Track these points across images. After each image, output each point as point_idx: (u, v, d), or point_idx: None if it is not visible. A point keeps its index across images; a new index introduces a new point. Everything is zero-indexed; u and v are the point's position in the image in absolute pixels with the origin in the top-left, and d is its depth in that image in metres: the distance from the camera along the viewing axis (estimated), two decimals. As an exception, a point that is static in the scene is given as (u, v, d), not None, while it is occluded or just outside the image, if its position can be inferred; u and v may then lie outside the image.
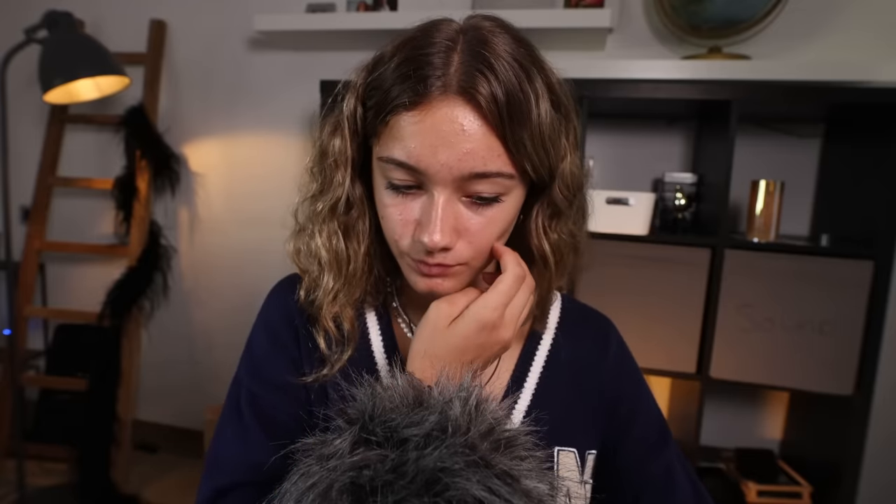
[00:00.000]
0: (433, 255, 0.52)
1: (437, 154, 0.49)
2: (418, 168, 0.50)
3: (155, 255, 2.11)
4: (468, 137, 0.48)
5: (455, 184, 0.50)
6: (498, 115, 0.48)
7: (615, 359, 0.68)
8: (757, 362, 1.46)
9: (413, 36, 0.52)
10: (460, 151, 0.49)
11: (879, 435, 1.62)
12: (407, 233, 0.53)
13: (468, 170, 0.49)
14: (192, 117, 2.18)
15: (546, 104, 0.52)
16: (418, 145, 0.49)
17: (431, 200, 0.51)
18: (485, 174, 0.50)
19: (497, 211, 0.53)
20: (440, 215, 0.50)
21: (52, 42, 1.76)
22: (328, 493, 0.33)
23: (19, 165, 2.22)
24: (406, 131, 0.50)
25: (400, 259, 0.56)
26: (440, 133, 0.48)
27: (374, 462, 0.33)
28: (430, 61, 0.49)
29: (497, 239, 0.55)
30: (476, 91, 0.48)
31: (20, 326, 2.16)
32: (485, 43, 0.50)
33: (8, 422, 2.11)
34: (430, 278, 0.54)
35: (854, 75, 1.43)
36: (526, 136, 0.50)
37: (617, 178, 1.82)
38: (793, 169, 1.68)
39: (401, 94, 0.49)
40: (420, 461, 0.33)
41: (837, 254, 1.40)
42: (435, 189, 0.50)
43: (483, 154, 0.49)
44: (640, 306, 1.50)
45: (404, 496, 0.31)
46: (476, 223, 0.52)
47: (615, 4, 1.70)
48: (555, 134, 0.54)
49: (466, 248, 0.53)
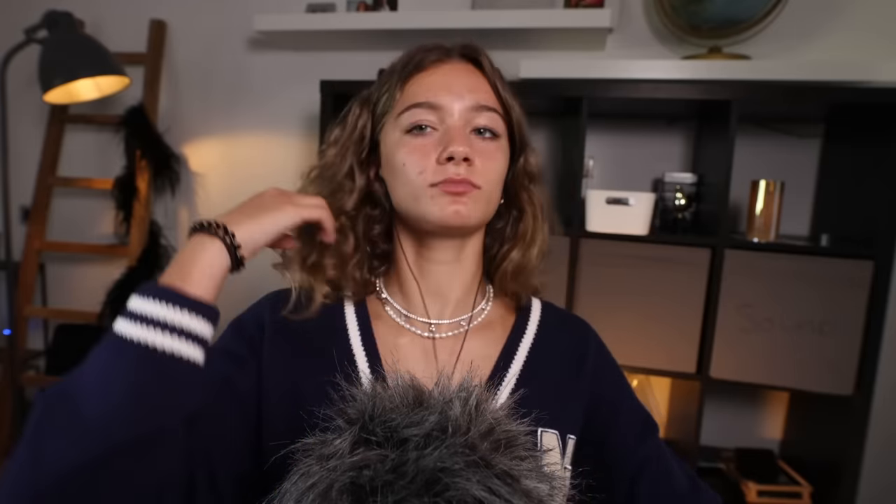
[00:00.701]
0: (458, 168, 0.60)
1: (451, 88, 0.64)
2: (437, 103, 0.63)
3: (155, 255, 2.11)
4: (471, 81, 0.65)
5: (465, 115, 0.63)
6: (494, 76, 0.67)
7: (594, 361, 0.72)
8: (757, 362, 1.46)
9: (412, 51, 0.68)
10: (469, 84, 0.64)
11: (879, 435, 1.62)
12: (430, 162, 0.62)
13: (474, 101, 0.64)
14: (192, 117, 2.18)
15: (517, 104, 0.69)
16: (434, 87, 0.64)
17: (449, 128, 0.63)
18: (486, 106, 0.64)
19: (496, 147, 0.65)
20: (458, 131, 0.62)
21: (52, 42, 1.76)
22: (328, 493, 0.33)
23: (19, 165, 2.22)
24: (423, 84, 0.65)
25: (419, 200, 0.62)
26: (450, 76, 0.65)
27: (374, 462, 0.33)
28: (434, 47, 0.67)
29: (498, 180, 0.66)
30: (476, 56, 0.67)
31: (20, 326, 2.16)
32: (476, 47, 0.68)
33: (8, 422, 2.11)
34: (457, 198, 0.61)
35: (854, 75, 1.43)
36: (511, 101, 0.67)
37: (617, 178, 1.82)
38: (793, 169, 1.68)
39: (413, 63, 0.65)
40: (420, 461, 0.33)
41: (837, 254, 1.40)
42: (450, 119, 0.63)
43: (483, 93, 0.65)
44: (640, 306, 1.50)
45: (404, 496, 0.31)
46: (485, 150, 0.64)
47: (615, 4, 1.70)
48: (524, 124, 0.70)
49: (482, 169, 0.63)
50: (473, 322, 0.70)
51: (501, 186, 0.68)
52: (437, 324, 0.69)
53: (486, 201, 0.64)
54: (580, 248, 1.52)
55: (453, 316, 0.69)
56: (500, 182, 0.66)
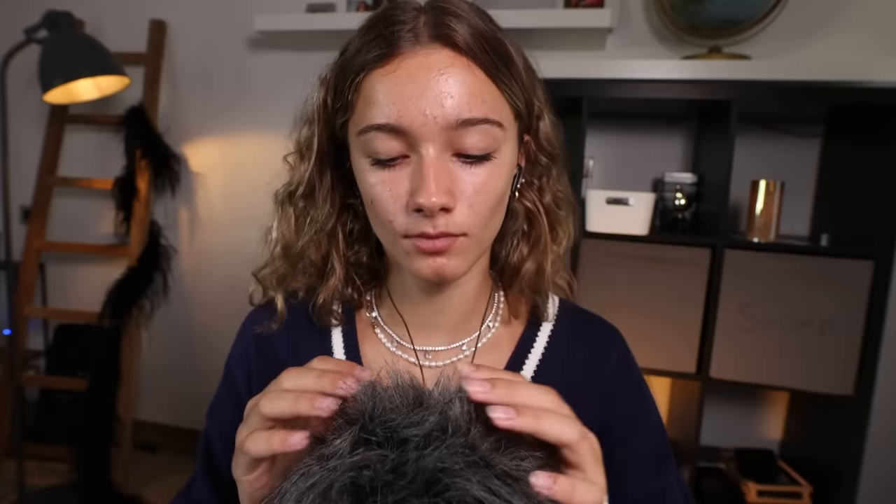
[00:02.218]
0: (434, 221, 0.47)
1: (420, 105, 0.45)
2: (401, 126, 0.46)
3: (155, 255, 2.11)
4: (449, 83, 0.46)
5: (443, 137, 0.46)
6: (479, 49, 0.47)
7: (615, 372, 0.61)
8: (757, 362, 1.46)
9: (375, 13, 0.51)
10: (443, 98, 0.45)
11: (879, 435, 1.62)
12: (400, 208, 0.48)
13: (454, 117, 0.46)
14: (192, 117, 2.18)
15: (519, 56, 0.52)
16: (397, 101, 0.46)
17: (421, 161, 0.47)
18: (471, 121, 0.46)
19: (491, 170, 0.49)
20: (433, 173, 0.46)
21: (52, 42, 1.76)
22: (328, 493, 0.33)
23: (19, 165, 2.22)
24: (381, 90, 0.46)
25: (395, 249, 0.51)
26: (418, 82, 0.45)
27: (375, 462, 0.33)
28: (398, 19, 0.47)
29: (496, 207, 0.51)
30: (450, 32, 0.46)
31: (20, 326, 2.16)
32: (450, 4, 0.49)
33: (8, 422, 2.11)
34: (435, 257, 0.49)
35: (854, 75, 1.43)
36: (510, 71, 0.49)
37: (617, 178, 1.82)
38: (793, 169, 1.68)
39: (369, 51, 0.47)
40: (420, 461, 0.33)
41: (837, 254, 1.40)
42: (423, 147, 0.46)
43: (467, 99, 0.46)
44: (640, 306, 1.50)
45: (404, 496, 0.31)
46: (472, 184, 0.48)
47: (615, 4, 1.70)
48: (532, 84, 0.54)
49: (467, 213, 0.48)
50: (475, 346, 0.60)
51: (504, 205, 0.54)
52: (433, 351, 0.59)
53: (477, 244, 0.51)
54: (580, 248, 1.52)
55: (452, 341, 0.60)
56: (498, 205, 0.52)
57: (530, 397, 0.39)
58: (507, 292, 0.62)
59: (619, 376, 0.61)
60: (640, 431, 0.61)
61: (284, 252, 0.60)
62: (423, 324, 0.59)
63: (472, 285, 0.59)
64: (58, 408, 2.24)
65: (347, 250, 0.60)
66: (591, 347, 0.62)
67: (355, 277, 0.61)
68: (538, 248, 0.59)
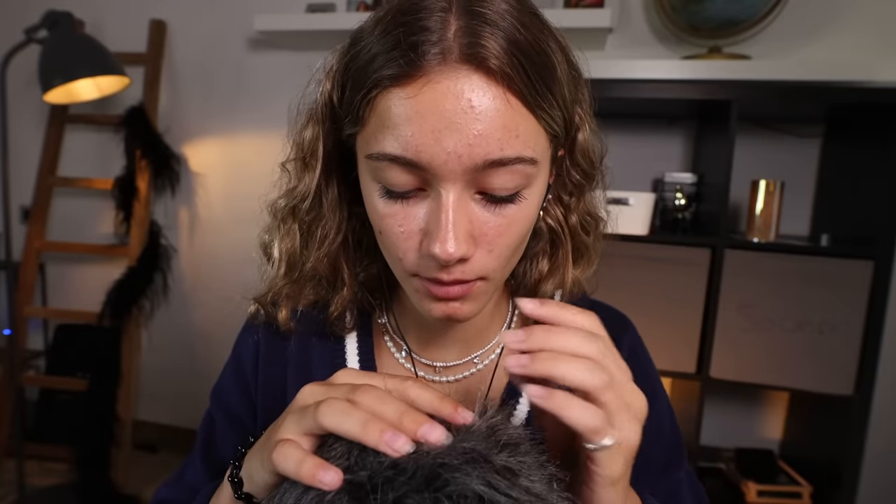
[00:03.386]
0: (449, 268, 0.42)
1: (442, 141, 0.39)
2: (419, 162, 0.40)
3: (155, 255, 2.11)
4: (479, 115, 0.38)
5: (466, 177, 0.40)
6: (517, 71, 0.39)
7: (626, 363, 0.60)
8: (757, 362, 1.46)
9: (398, 3, 0.42)
10: (470, 134, 0.38)
11: (879, 435, 1.62)
12: (412, 247, 0.43)
13: (482, 157, 0.39)
14: (192, 117, 2.18)
15: (563, 65, 0.43)
16: (416, 132, 0.39)
17: (439, 202, 0.41)
18: (502, 161, 0.40)
19: (519, 210, 0.43)
20: (452, 219, 0.40)
21: (52, 42, 1.76)
22: (325, 493, 0.33)
23: (19, 165, 2.22)
24: (399, 115, 0.39)
25: (405, 282, 0.47)
26: (443, 113, 0.38)
27: (372, 462, 0.33)
28: (423, 25, 0.39)
29: (520, 245, 0.46)
30: (484, 51, 0.38)
31: (20, 326, 2.16)
32: (483, 1, 0.40)
33: (8, 422, 2.11)
34: (448, 302, 0.45)
35: (854, 75, 1.43)
36: (552, 92, 0.41)
37: (617, 178, 1.81)
38: (793, 169, 1.68)
39: (388, 65, 0.39)
40: (419, 459, 0.33)
41: (837, 254, 1.40)
42: (442, 187, 0.40)
43: (499, 135, 0.39)
44: (640, 306, 1.50)
45: (405, 492, 0.31)
46: (495, 226, 0.42)
47: (615, 4, 1.70)
48: (575, 93, 0.46)
49: (486, 258, 0.43)
50: (489, 358, 0.57)
51: (527, 238, 0.48)
52: (445, 367, 0.57)
53: (496, 285, 0.47)
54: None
55: (465, 354, 0.57)
56: (522, 243, 0.46)
57: (561, 342, 0.37)
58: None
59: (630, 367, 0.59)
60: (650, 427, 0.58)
61: (289, 271, 0.55)
62: (434, 338, 0.57)
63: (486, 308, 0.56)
64: (58, 408, 2.24)
65: (357, 265, 0.56)
66: None
67: (367, 293, 0.57)
68: (558, 271, 0.55)
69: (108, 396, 2.00)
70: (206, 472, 0.61)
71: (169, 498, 0.61)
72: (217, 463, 0.61)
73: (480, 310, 0.47)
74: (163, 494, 0.61)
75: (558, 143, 0.46)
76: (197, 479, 0.61)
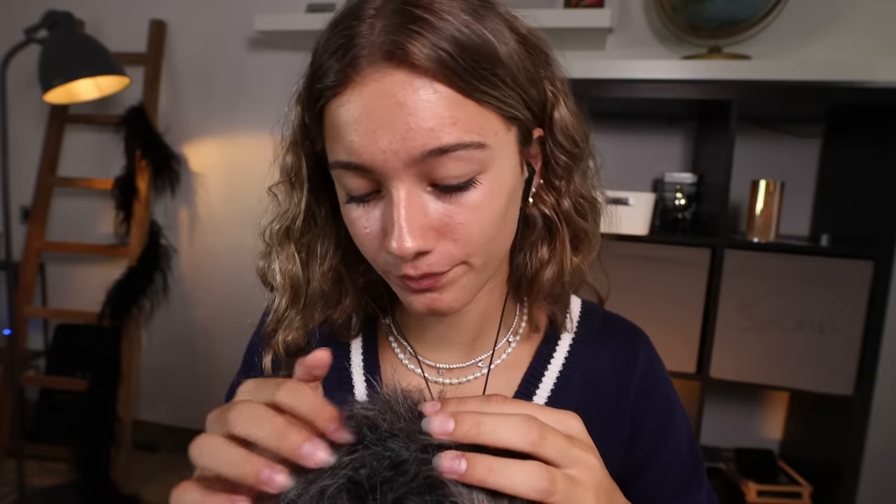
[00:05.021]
0: (414, 263, 0.43)
1: (378, 140, 0.40)
2: (363, 165, 0.41)
3: (155, 255, 2.11)
4: (408, 110, 0.39)
5: (412, 171, 0.41)
6: (446, 62, 0.39)
7: (642, 381, 0.57)
8: (757, 362, 1.46)
9: (335, 16, 0.45)
10: (402, 129, 0.39)
11: (879, 435, 1.62)
12: (378, 247, 0.44)
13: (419, 149, 0.40)
14: (192, 117, 2.18)
15: (512, 45, 0.43)
16: (357, 137, 0.41)
17: (391, 200, 0.42)
18: (442, 149, 0.40)
19: (477, 196, 0.42)
20: (403, 215, 0.41)
21: (52, 42, 1.76)
22: (324, 491, 0.33)
23: (19, 165, 2.22)
24: (341, 122, 0.41)
25: (387, 279, 0.48)
26: (374, 114, 0.40)
27: (371, 460, 0.33)
28: (352, 33, 0.41)
29: (496, 229, 0.44)
30: (406, 48, 0.39)
31: (20, 326, 2.16)
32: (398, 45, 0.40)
33: (8, 422, 2.11)
34: (424, 293, 0.45)
35: (854, 75, 1.43)
36: (496, 75, 0.41)
37: (617, 178, 1.82)
38: (793, 169, 1.68)
39: (327, 76, 0.42)
40: (422, 464, 0.32)
41: (837, 254, 1.40)
42: (391, 185, 0.41)
43: (432, 125, 0.39)
44: (640, 306, 1.50)
45: (404, 493, 0.31)
46: (454, 216, 0.42)
47: (615, 4, 1.70)
48: (536, 73, 0.45)
49: (452, 248, 0.43)
50: (496, 361, 0.56)
51: (509, 220, 0.47)
52: (447, 369, 0.56)
53: (479, 270, 0.46)
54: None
55: (468, 357, 0.56)
56: (499, 226, 0.45)
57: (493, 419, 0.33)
58: (528, 304, 0.58)
59: (648, 386, 0.57)
60: (669, 447, 0.56)
61: (295, 297, 0.54)
62: (436, 340, 0.56)
63: (487, 301, 0.54)
64: (58, 408, 2.24)
65: (357, 272, 0.55)
66: (615, 357, 0.57)
67: (369, 299, 0.57)
68: (556, 258, 0.53)
69: (108, 396, 2.00)
70: None
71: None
72: None
73: (466, 300, 0.47)
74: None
75: (527, 123, 0.46)
76: None
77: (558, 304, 0.57)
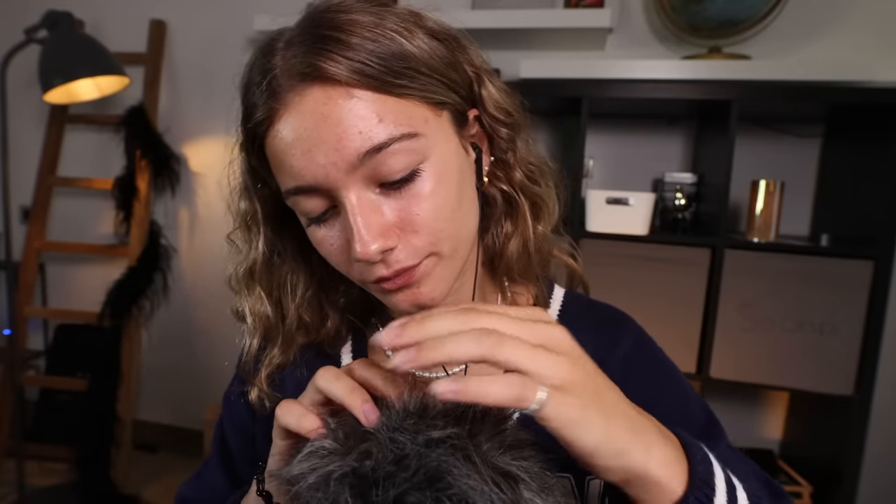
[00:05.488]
0: (385, 263, 0.44)
1: (315, 158, 0.42)
2: (309, 184, 0.43)
3: (155, 255, 2.11)
4: (332, 121, 0.41)
5: (356, 176, 0.42)
6: (358, 69, 0.41)
7: (626, 359, 0.56)
8: (757, 362, 1.46)
9: (256, 50, 0.48)
10: (333, 140, 0.41)
11: (879, 435, 1.62)
12: (348, 260, 0.46)
13: (354, 154, 0.41)
14: (192, 117, 2.18)
15: (420, 38, 0.44)
16: (295, 160, 0.43)
17: (345, 210, 0.43)
18: (376, 148, 0.41)
19: (424, 184, 0.44)
20: (359, 221, 0.43)
21: (52, 42, 1.76)
22: (328, 480, 0.33)
23: (19, 165, 2.22)
24: (279, 152, 0.44)
25: (367, 288, 0.49)
26: (304, 134, 0.42)
27: (376, 453, 0.33)
28: (269, 66, 0.44)
29: (453, 213, 0.45)
30: (317, 65, 0.41)
31: (20, 326, 2.16)
32: (317, 14, 0.44)
33: (8, 422, 2.11)
34: (404, 290, 0.46)
35: (854, 75, 1.43)
36: (411, 69, 0.43)
37: (617, 178, 1.82)
38: (793, 169, 1.68)
39: (257, 111, 0.44)
40: (422, 458, 0.33)
41: (837, 254, 1.40)
42: (341, 196, 0.43)
43: (360, 128, 0.41)
44: (640, 306, 1.49)
45: (406, 489, 0.32)
46: (409, 209, 0.44)
47: (615, 4, 1.70)
48: (450, 60, 0.46)
49: (416, 240, 0.44)
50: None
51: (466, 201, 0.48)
52: None
53: (450, 258, 0.47)
54: (580, 248, 1.52)
55: None
56: (456, 210, 0.46)
57: (438, 325, 0.34)
58: (508, 288, 0.58)
59: (632, 362, 0.56)
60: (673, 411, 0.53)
61: (267, 336, 0.56)
62: None
63: (469, 287, 0.54)
64: (58, 408, 2.24)
65: (338, 295, 0.57)
66: (597, 340, 0.55)
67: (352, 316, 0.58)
68: (518, 229, 0.54)
69: (108, 396, 2.00)
70: (223, 474, 0.62)
71: (190, 497, 0.63)
72: (233, 466, 0.63)
73: (445, 289, 0.48)
74: (185, 493, 0.63)
75: (457, 106, 0.47)
76: (215, 478, 0.63)
77: (530, 279, 0.57)
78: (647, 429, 0.37)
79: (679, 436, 0.40)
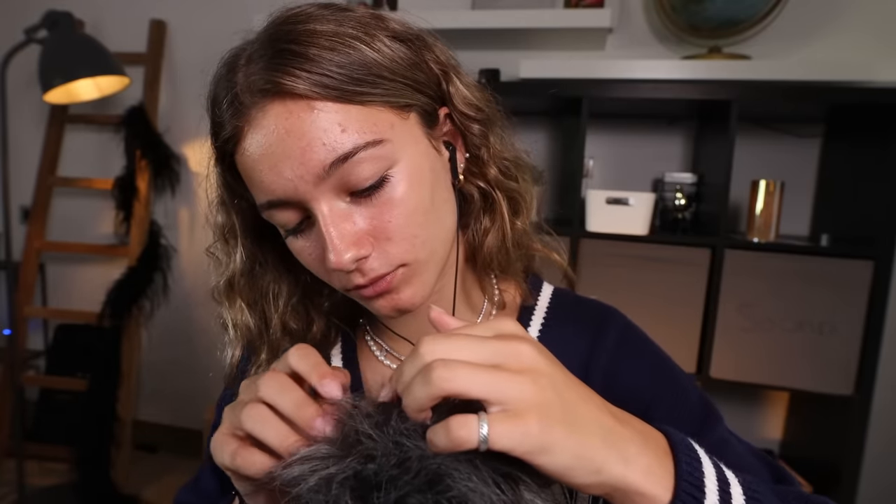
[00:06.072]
0: (360, 270, 0.45)
1: (282, 172, 0.42)
2: (279, 198, 0.44)
3: (155, 255, 2.11)
4: (296, 134, 0.41)
5: (325, 189, 0.43)
6: (318, 81, 0.41)
7: (614, 350, 0.55)
8: (757, 362, 1.46)
9: (220, 64, 0.47)
10: (297, 153, 0.41)
11: (879, 435, 1.62)
12: (325, 268, 0.46)
13: (320, 166, 0.41)
14: (192, 117, 2.18)
15: (381, 41, 0.44)
16: (264, 175, 0.43)
17: (316, 221, 0.44)
18: (342, 157, 0.41)
19: (394, 190, 0.43)
20: (331, 231, 0.43)
21: (52, 42, 1.76)
22: (330, 482, 0.33)
23: (19, 165, 2.22)
24: (249, 168, 0.44)
25: (349, 295, 0.49)
26: (269, 149, 0.42)
27: (379, 455, 0.33)
28: (233, 82, 0.44)
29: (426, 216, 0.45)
30: (276, 80, 0.41)
31: (20, 326, 2.16)
32: (276, 27, 0.44)
33: (8, 422, 2.11)
34: (383, 296, 0.46)
35: (854, 75, 1.43)
36: (372, 75, 0.42)
37: (617, 178, 1.82)
38: (793, 169, 1.68)
39: (224, 129, 0.44)
40: (423, 460, 0.33)
41: (837, 254, 1.40)
42: (313, 208, 0.43)
43: (323, 140, 0.41)
44: (640, 306, 1.50)
45: (408, 492, 0.32)
46: (382, 216, 0.44)
47: (615, 4, 1.70)
48: (414, 60, 0.46)
49: (390, 247, 0.44)
50: None
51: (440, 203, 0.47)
52: None
53: (426, 261, 0.46)
54: (580, 248, 1.52)
55: None
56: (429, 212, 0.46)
57: (404, 377, 0.34)
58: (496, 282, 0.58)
59: (619, 354, 0.55)
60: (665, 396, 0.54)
61: (251, 346, 0.56)
62: (413, 335, 0.56)
63: (451, 287, 0.54)
64: (58, 408, 2.24)
65: (323, 299, 0.57)
66: (585, 335, 0.56)
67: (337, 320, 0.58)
68: (496, 224, 0.54)
69: (108, 396, 2.00)
70: (217, 481, 0.63)
71: (187, 501, 0.63)
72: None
73: (426, 291, 0.48)
74: (182, 498, 0.64)
75: (425, 106, 0.46)
76: (210, 484, 0.63)
77: (510, 274, 0.57)
78: (626, 438, 0.35)
79: (666, 433, 0.38)
